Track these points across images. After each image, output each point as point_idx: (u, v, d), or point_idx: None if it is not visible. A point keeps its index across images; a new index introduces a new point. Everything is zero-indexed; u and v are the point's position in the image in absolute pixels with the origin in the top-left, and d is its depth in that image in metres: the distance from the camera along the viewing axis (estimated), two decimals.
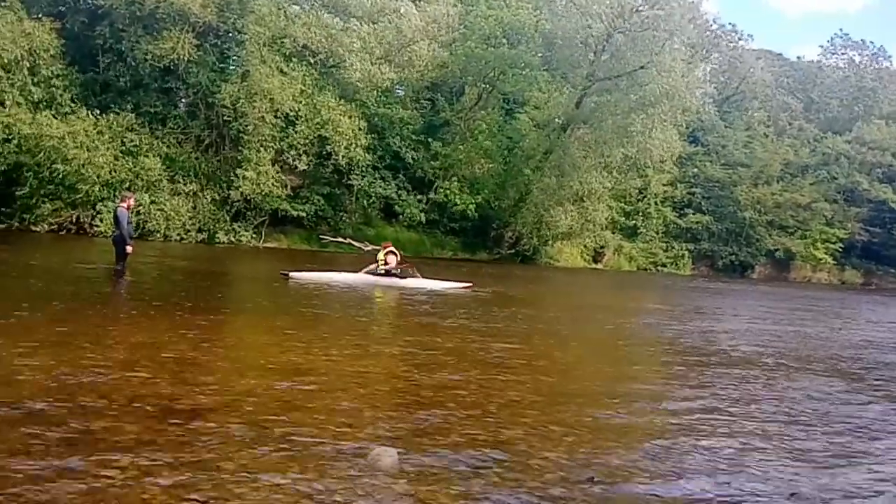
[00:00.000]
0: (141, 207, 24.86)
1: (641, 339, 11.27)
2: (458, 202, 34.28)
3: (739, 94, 56.01)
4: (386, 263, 15.59)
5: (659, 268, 47.21)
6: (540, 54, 37.46)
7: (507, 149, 36.76)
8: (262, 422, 4.53)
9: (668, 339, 11.09)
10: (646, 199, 47.73)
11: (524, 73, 36.75)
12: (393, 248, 16.15)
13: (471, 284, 16.20)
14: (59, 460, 3.54)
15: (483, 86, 37.20)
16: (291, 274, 14.63)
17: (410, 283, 15.56)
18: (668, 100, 33.69)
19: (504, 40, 35.89)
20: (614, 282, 31.60)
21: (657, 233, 48.80)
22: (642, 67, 33.05)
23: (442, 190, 34.71)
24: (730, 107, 55.50)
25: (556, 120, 36.06)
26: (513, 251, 37.23)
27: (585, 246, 42.44)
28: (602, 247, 43.94)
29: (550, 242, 38.59)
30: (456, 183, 34.88)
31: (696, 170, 50.71)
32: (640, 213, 47.85)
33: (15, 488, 3.18)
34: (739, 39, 56.84)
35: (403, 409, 5.20)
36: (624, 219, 46.32)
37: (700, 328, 12.99)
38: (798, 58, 65.22)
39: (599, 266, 43.26)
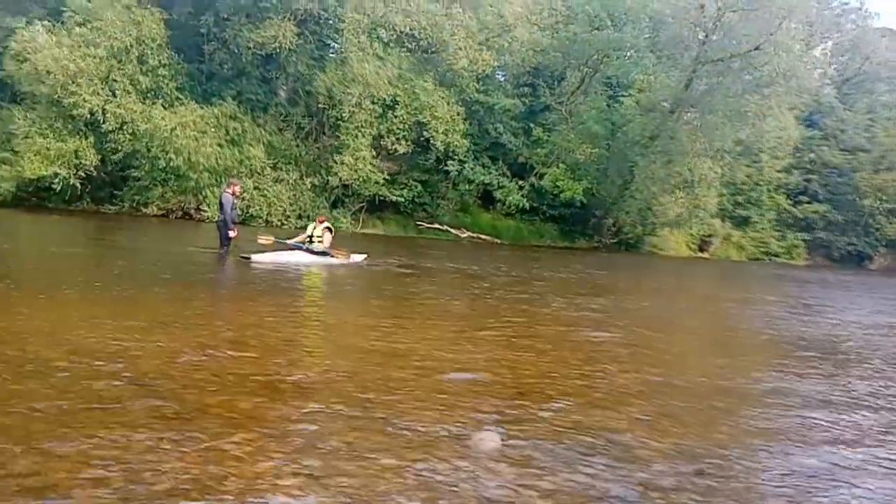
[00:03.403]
0: (245, 194, 25.56)
1: (754, 332, 10.77)
2: (566, 189, 33.64)
3: (861, 74, 52.53)
4: (322, 240, 14.86)
5: (771, 258, 45.16)
6: (646, 36, 36.25)
7: (611, 134, 35.85)
8: (365, 402, 4.58)
9: (784, 332, 10.56)
10: (759, 185, 45.66)
11: (629, 55, 35.69)
12: (329, 225, 15.45)
13: (366, 255, 15.70)
14: (177, 434, 3.68)
15: (585, 70, 36.30)
16: (253, 258, 13.61)
17: (339, 260, 14.86)
18: (784, 81, 32.00)
19: (609, 22, 34.98)
20: (724, 272, 30.42)
21: (770, 221, 46.69)
22: (757, 48, 31.44)
23: (549, 176, 34.13)
24: (850, 88, 52.13)
25: (663, 103, 34.79)
26: (615, 240, 36.37)
27: (691, 234, 41.05)
28: (709, 235, 42.38)
29: (656, 231, 37.49)
30: (562, 169, 34.24)
31: (812, 155, 48.03)
32: (752, 201, 45.87)
33: (136, 459, 3.32)
34: (865, 18, 53.31)
35: (505, 394, 5.15)
36: (734, 206, 44.54)
37: (818, 322, 12.30)
38: None
39: (706, 255, 41.77)
